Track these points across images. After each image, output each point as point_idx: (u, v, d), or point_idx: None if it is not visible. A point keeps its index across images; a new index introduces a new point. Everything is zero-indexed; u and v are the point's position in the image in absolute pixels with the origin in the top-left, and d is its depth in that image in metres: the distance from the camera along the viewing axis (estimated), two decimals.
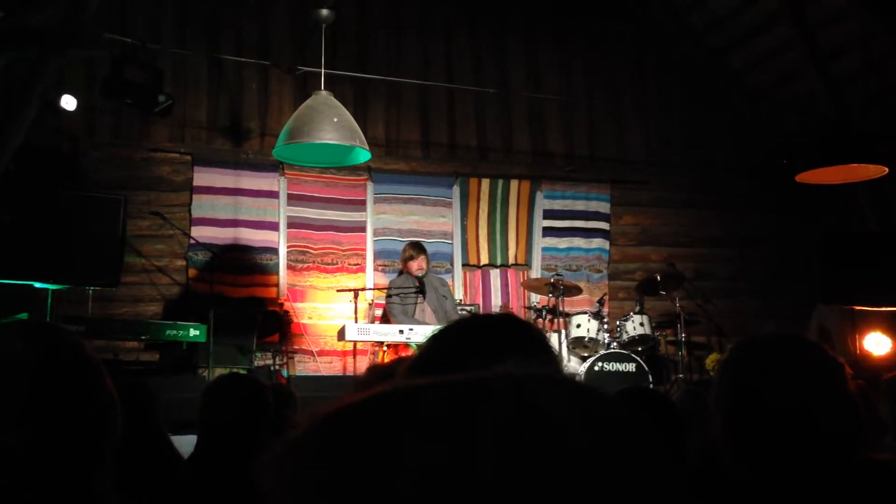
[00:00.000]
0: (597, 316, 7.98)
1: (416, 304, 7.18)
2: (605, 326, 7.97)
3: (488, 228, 8.96)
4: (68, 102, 6.88)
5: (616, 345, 7.83)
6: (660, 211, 9.52)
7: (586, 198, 9.26)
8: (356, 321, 7.08)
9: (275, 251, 8.27)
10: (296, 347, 8.11)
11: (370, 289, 8.15)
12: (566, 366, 7.69)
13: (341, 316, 8.03)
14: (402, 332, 6.61)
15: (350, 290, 7.36)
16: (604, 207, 9.32)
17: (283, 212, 8.33)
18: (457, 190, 8.89)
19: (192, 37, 8.27)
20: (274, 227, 8.30)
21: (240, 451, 2.66)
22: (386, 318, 7.47)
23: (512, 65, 9.23)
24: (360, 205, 8.59)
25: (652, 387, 7.07)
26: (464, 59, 9.08)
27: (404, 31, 8.95)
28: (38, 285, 6.37)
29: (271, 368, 7.60)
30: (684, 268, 8.77)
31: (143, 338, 6.80)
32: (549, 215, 9.11)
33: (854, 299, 7.22)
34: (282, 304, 8.14)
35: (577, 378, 7.49)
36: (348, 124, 6.26)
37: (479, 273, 8.91)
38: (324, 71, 6.68)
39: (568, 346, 7.83)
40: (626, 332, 7.89)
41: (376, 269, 8.52)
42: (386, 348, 6.79)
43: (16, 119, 6.40)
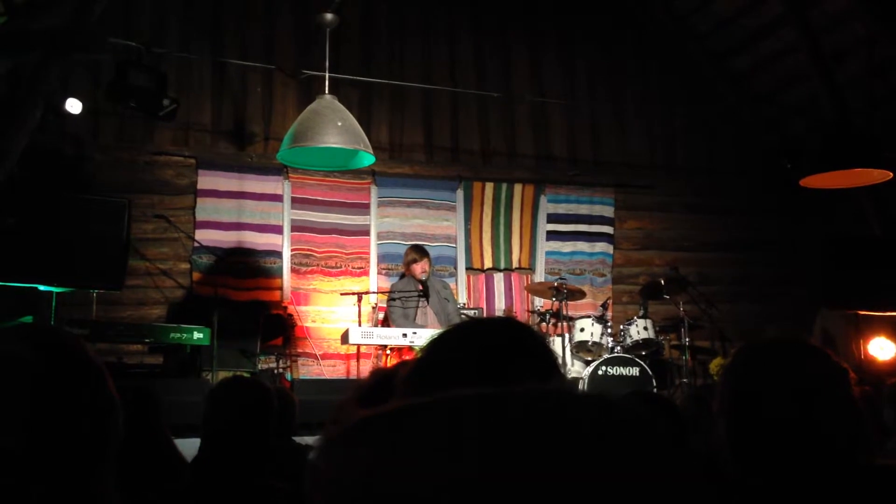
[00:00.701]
0: (600, 320, 7.97)
1: (418, 308, 7.18)
2: (609, 330, 7.95)
3: (492, 232, 8.96)
4: (73, 106, 6.90)
5: (620, 349, 7.82)
6: (663, 215, 9.52)
7: (590, 202, 9.27)
8: (360, 325, 7.09)
9: (278, 254, 8.28)
10: (299, 351, 8.11)
11: (374, 292, 8.15)
12: (569, 370, 7.68)
13: (345, 319, 8.03)
14: (405, 335, 6.61)
15: (353, 294, 7.38)
16: (607, 211, 9.33)
17: (286, 215, 8.33)
18: (460, 193, 8.89)
19: (197, 41, 8.28)
20: (278, 230, 8.30)
21: (244, 454, 2.66)
22: (387, 322, 7.47)
23: (515, 69, 9.24)
24: (364, 208, 8.59)
25: (655, 391, 7.06)
26: (467, 62, 9.09)
27: (408, 35, 8.96)
28: (42, 288, 6.38)
29: (275, 372, 7.60)
30: (688, 272, 8.75)
31: (147, 341, 6.80)
32: (552, 219, 9.10)
33: (856, 304, 7.21)
34: (285, 308, 8.14)
35: (581, 381, 7.49)
36: (352, 128, 6.27)
37: (482, 277, 8.91)
38: (328, 75, 6.70)
39: (571, 350, 7.82)
40: (630, 337, 7.88)
41: (380, 273, 8.52)
42: (389, 352, 6.79)
43: (20, 122, 6.41)
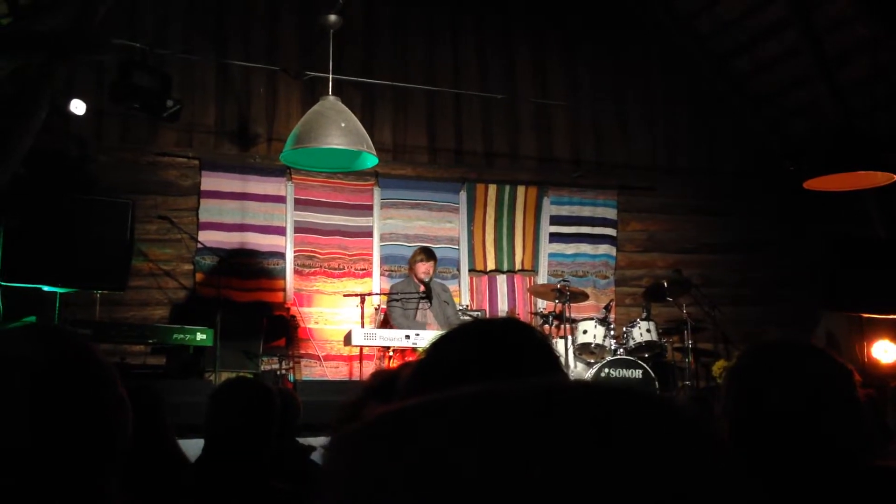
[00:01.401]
0: (603, 322, 7.96)
1: (418, 309, 7.18)
2: (612, 332, 7.94)
3: (495, 234, 8.96)
4: (77, 107, 6.91)
5: (622, 351, 7.81)
6: (666, 217, 9.51)
7: (593, 204, 9.26)
8: (363, 326, 7.09)
9: (282, 256, 8.28)
10: (302, 352, 8.12)
11: (377, 294, 8.15)
12: (572, 371, 7.68)
13: (348, 321, 8.04)
14: (408, 336, 6.61)
15: (356, 295, 7.38)
16: (610, 213, 9.32)
17: (290, 216, 8.34)
18: (463, 195, 8.89)
19: (200, 42, 8.29)
20: (281, 231, 8.31)
21: (246, 455, 2.66)
22: (386, 323, 7.47)
23: (518, 70, 9.24)
24: (367, 210, 8.60)
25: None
26: (470, 64, 9.10)
27: (411, 37, 8.97)
28: (46, 289, 6.39)
29: (278, 373, 7.61)
30: (691, 274, 8.74)
31: (150, 342, 6.80)
32: (555, 221, 9.10)
33: (860, 306, 7.20)
34: (288, 309, 8.14)
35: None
36: (355, 129, 6.27)
37: (485, 278, 8.90)
38: (331, 76, 6.70)
39: (574, 352, 7.82)
40: (633, 339, 7.87)
41: (383, 274, 8.52)
42: (392, 353, 6.78)
43: (25, 123, 6.42)
